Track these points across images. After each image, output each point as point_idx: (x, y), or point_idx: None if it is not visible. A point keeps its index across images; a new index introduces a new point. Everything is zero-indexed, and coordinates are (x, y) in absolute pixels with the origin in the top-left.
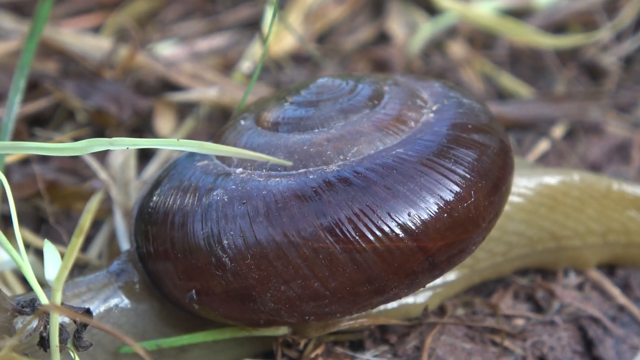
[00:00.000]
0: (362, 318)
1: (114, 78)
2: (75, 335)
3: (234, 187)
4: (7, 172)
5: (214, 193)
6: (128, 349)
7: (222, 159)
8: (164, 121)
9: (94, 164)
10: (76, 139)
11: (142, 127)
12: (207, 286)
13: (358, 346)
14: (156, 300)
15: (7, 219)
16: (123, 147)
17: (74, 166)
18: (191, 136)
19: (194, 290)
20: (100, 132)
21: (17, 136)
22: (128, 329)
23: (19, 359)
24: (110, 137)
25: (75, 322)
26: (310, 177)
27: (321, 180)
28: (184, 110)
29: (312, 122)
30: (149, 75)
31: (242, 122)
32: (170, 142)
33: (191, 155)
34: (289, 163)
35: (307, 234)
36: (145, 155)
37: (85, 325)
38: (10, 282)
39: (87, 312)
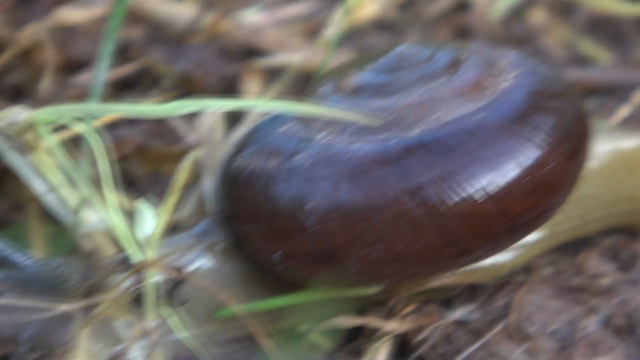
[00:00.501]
0: (452, 276)
1: (200, 44)
2: (170, 293)
3: (316, 151)
4: (98, 135)
5: (297, 157)
6: (224, 311)
7: (303, 124)
8: (249, 87)
9: (183, 126)
10: (163, 103)
11: (229, 92)
12: (291, 249)
13: (447, 304)
14: (241, 261)
15: (100, 181)
16: (213, 108)
17: (161, 130)
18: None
19: (278, 252)
20: (186, 96)
21: (106, 101)
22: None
23: (115, 315)
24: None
25: (169, 279)
26: (392, 142)
27: (403, 146)
28: (269, 76)
29: (392, 88)
30: (234, 42)
31: (323, 88)
32: (260, 103)
33: (273, 120)
34: (381, 121)
35: (389, 197)
36: (232, 120)
37: (179, 283)
38: (102, 243)
39: (181, 269)
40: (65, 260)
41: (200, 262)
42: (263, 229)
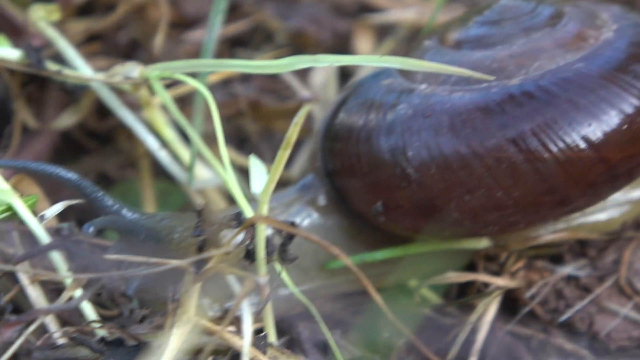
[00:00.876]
0: (562, 232)
1: (313, 0)
2: (281, 248)
3: (418, 101)
4: (210, 91)
5: (398, 107)
6: (335, 263)
7: (406, 76)
8: (362, 43)
9: (296, 83)
10: (276, 59)
11: (341, 49)
12: (392, 199)
13: (558, 260)
14: (344, 215)
15: (212, 137)
16: (327, 64)
17: (274, 86)
18: None
19: (379, 203)
20: (298, 53)
21: (219, 57)
22: (318, 246)
23: (226, 270)
24: None
25: (281, 234)
26: (493, 90)
27: (504, 94)
28: (382, 32)
29: (494, 39)
30: None
31: (427, 42)
32: (373, 59)
33: (376, 75)
34: (491, 78)
35: (490, 144)
36: (344, 76)
37: (291, 238)
38: (214, 199)
39: (293, 224)
40: (173, 215)
41: (304, 217)
42: (365, 181)
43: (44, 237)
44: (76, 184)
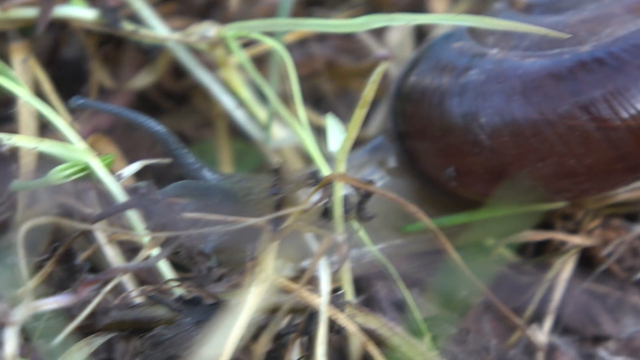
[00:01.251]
0: (638, 190)
1: None
2: (359, 206)
3: (490, 66)
4: (286, 51)
5: (471, 72)
6: (414, 226)
7: (477, 39)
8: (438, 2)
9: (372, 42)
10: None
11: (417, 8)
12: (464, 164)
13: (634, 218)
14: (414, 178)
15: (287, 97)
16: (402, 23)
17: (350, 46)
18: None
19: (452, 168)
20: (374, 13)
21: (294, 17)
22: (390, 206)
23: (304, 228)
24: None
25: (358, 193)
26: (565, 56)
27: (576, 60)
28: None
29: (565, 4)
30: None
31: (497, 5)
32: (448, 17)
33: (447, 37)
34: (567, 35)
35: (562, 111)
36: (420, 36)
37: (368, 196)
38: (290, 158)
39: (370, 182)
40: (249, 177)
41: (375, 178)
42: (436, 145)
43: (121, 196)
44: (163, 138)
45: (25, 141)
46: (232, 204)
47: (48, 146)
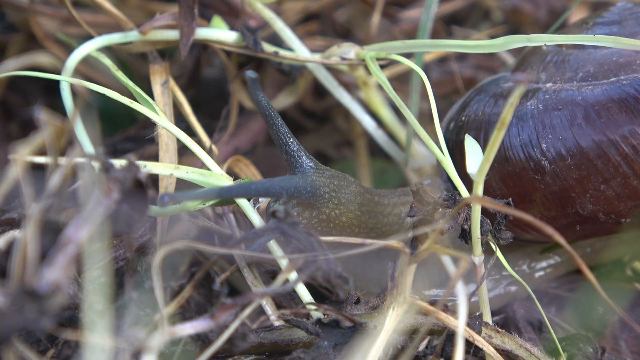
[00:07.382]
0: None
1: None
2: (496, 227)
3: (547, 96)
4: (426, 70)
5: (528, 104)
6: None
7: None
8: (577, 17)
9: (511, 60)
10: (492, 37)
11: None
12: (525, 192)
13: None
14: None
15: (427, 115)
16: (540, 43)
17: (490, 63)
18: None
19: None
20: (515, 30)
21: (435, 35)
22: None
23: (441, 250)
24: (525, 34)
25: (497, 214)
26: (624, 82)
27: (636, 85)
28: (597, 9)
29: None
30: None
31: (544, 47)
32: (587, 37)
33: (496, 79)
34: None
35: (626, 132)
36: None
37: (506, 217)
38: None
39: (509, 204)
40: (342, 173)
41: None
42: (495, 176)
43: (259, 221)
44: (267, 115)
45: (161, 168)
46: (317, 197)
47: (184, 173)
